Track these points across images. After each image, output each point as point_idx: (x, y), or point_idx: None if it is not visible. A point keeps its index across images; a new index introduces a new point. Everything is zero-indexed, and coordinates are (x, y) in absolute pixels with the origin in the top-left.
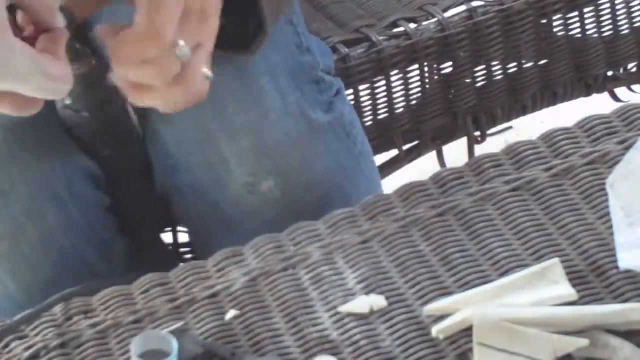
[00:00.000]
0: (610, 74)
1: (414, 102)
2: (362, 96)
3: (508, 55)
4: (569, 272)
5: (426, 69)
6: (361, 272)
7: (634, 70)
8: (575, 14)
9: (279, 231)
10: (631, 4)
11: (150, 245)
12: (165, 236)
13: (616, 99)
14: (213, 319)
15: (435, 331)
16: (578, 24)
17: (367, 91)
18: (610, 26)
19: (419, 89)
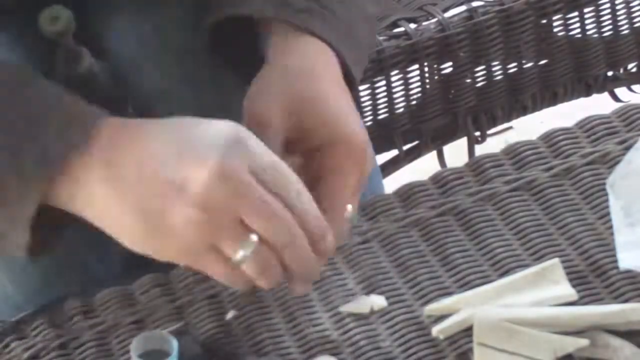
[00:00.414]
0: (610, 74)
1: (414, 102)
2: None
3: (508, 55)
4: (569, 272)
5: (426, 69)
6: (361, 272)
7: (634, 70)
8: (575, 14)
9: None
10: (631, 4)
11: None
12: None
13: (616, 99)
14: (213, 319)
15: (435, 331)
16: (578, 24)
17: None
18: (610, 26)
19: (419, 89)
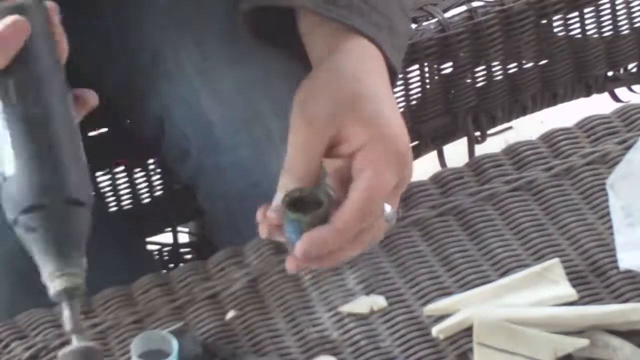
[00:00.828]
0: (610, 74)
1: (414, 102)
2: None
3: (508, 56)
4: (569, 272)
5: (426, 69)
6: (361, 272)
7: (634, 70)
8: (575, 14)
9: None
10: (631, 4)
11: (137, 252)
12: (165, 236)
13: (616, 99)
14: (213, 319)
15: (435, 331)
16: (578, 24)
17: None
18: (610, 26)
19: (419, 89)
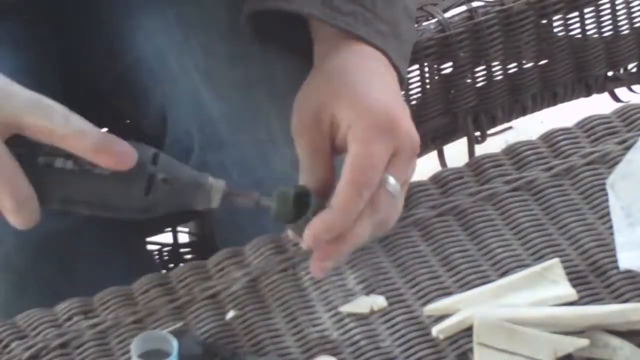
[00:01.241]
0: (610, 74)
1: (414, 102)
2: None
3: (508, 56)
4: (569, 272)
5: (426, 69)
6: (361, 272)
7: (634, 70)
8: (575, 14)
9: None
10: (631, 4)
11: (137, 252)
12: (165, 236)
13: (616, 99)
14: (213, 319)
15: (435, 331)
16: (578, 24)
17: None
18: (610, 26)
19: (419, 89)
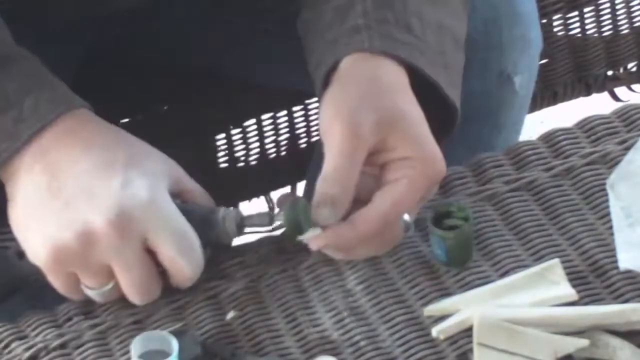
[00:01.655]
0: (610, 73)
1: None
2: None
3: None
4: (569, 272)
5: None
6: (361, 273)
7: (634, 70)
8: (575, 13)
9: None
10: (631, 4)
11: None
12: None
13: (616, 98)
14: (213, 319)
15: (435, 331)
16: (578, 24)
17: None
18: (610, 26)
19: None
